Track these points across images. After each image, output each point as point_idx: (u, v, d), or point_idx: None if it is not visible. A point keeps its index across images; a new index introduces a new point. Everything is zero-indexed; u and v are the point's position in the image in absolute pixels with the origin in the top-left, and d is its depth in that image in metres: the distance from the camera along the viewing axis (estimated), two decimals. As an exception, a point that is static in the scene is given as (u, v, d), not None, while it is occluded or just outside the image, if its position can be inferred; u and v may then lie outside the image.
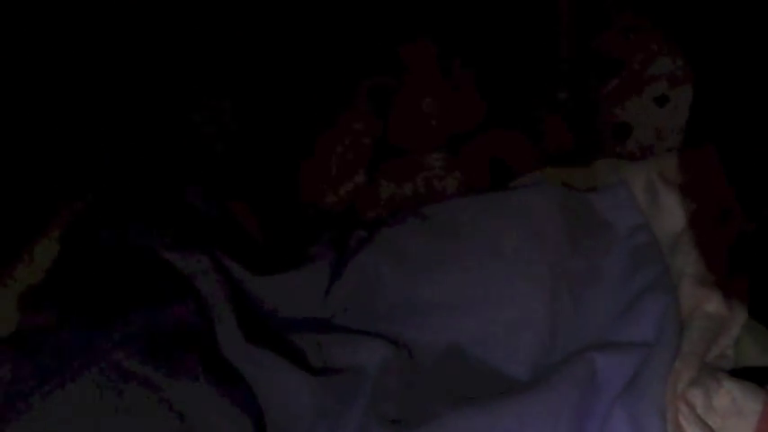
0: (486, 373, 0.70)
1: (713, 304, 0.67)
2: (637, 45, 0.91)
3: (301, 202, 0.89)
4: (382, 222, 0.80)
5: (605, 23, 0.94)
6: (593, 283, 0.73)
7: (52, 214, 0.70)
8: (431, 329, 0.72)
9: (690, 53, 0.87)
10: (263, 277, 0.73)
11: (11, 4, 0.76)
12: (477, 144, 0.91)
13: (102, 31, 0.83)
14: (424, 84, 0.93)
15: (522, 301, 0.71)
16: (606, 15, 0.95)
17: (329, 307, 0.73)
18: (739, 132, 0.77)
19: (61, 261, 0.68)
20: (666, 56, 0.87)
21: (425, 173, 0.90)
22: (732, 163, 0.76)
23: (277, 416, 0.63)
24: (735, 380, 0.60)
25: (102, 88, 0.83)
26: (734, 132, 0.78)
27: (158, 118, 0.86)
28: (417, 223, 0.76)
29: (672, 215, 0.74)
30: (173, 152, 0.85)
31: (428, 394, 0.68)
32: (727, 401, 0.59)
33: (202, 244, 0.72)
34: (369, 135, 0.90)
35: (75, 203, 0.73)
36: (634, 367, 0.65)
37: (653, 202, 0.76)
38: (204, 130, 0.88)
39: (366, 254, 0.74)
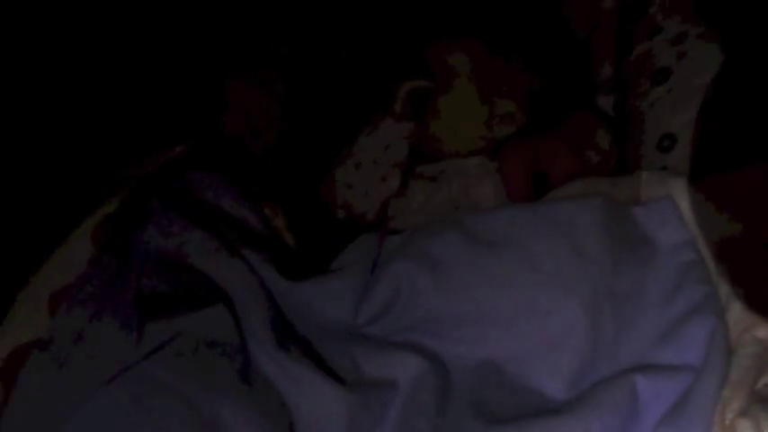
0: (521, 392, 0.68)
1: (764, 329, 0.64)
2: (685, 53, 0.88)
3: (332, 205, 0.88)
4: (417, 230, 0.77)
5: (654, 29, 0.91)
6: (635, 302, 0.70)
7: (84, 212, 0.69)
8: (466, 344, 0.70)
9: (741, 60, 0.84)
10: (295, 283, 0.71)
11: None
12: (516, 150, 0.89)
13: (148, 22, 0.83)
14: (462, 85, 0.90)
15: (561, 319, 0.69)
16: (654, 20, 0.91)
17: (361, 316, 0.72)
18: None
19: (95, 261, 0.67)
20: (717, 65, 0.84)
21: (463, 178, 0.88)
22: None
23: (307, 428, 0.62)
24: (787, 411, 0.58)
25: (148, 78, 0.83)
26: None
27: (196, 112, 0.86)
28: (455, 233, 0.74)
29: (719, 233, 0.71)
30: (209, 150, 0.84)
31: (461, 411, 0.66)
32: (778, 434, 0.57)
33: (235, 247, 0.71)
34: (404, 138, 0.88)
35: (108, 202, 0.72)
36: (677, 393, 0.62)
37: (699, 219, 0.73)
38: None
39: (400, 263, 0.72)
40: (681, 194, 0.75)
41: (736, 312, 0.66)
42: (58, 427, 0.54)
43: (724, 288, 0.68)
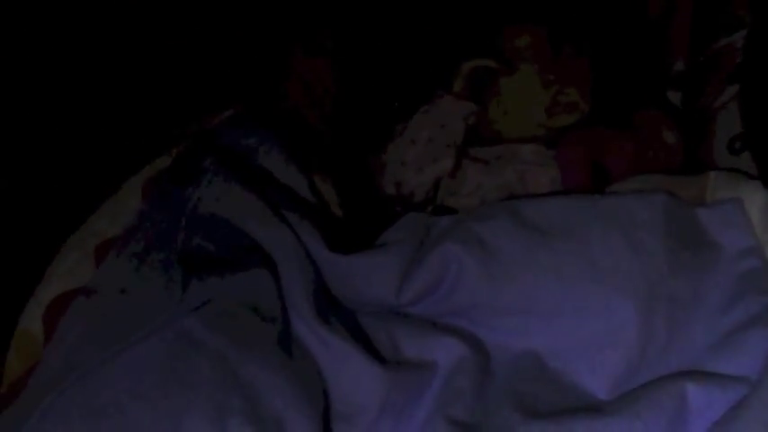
0: (562, 387, 0.65)
1: (828, 347, 0.60)
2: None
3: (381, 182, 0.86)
4: (469, 213, 0.75)
5: (735, 23, 0.86)
6: (691, 307, 0.67)
7: (138, 165, 0.69)
8: (510, 333, 0.68)
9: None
10: (340, 255, 0.70)
11: None
12: (577, 140, 0.86)
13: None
14: (527, 70, 0.87)
15: (612, 316, 0.66)
16: (737, 14, 0.87)
17: (405, 295, 0.70)
18: None
19: (144, 215, 0.67)
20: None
21: (518, 164, 0.85)
22: None
23: (342, 404, 0.61)
24: None
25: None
26: None
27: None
28: (508, 219, 0.72)
29: (790, 243, 0.67)
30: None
31: (500, 401, 0.64)
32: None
33: (283, 213, 0.70)
34: (462, 118, 0.85)
35: (161, 158, 0.72)
36: (729, 404, 0.60)
37: (770, 226, 0.69)
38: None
39: (450, 245, 0.70)
40: (751, 198, 0.72)
41: (801, 327, 0.62)
42: (91, 375, 0.54)
43: (789, 300, 0.64)
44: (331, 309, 0.67)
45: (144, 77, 0.79)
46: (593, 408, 0.62)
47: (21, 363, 0.61)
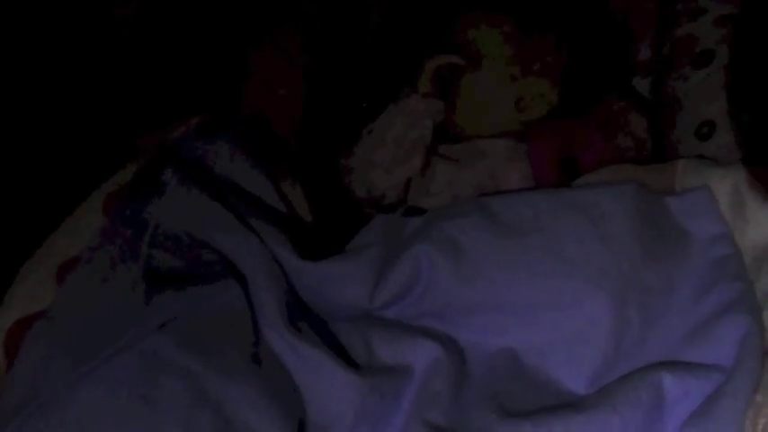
0: (540, 384, 0.65)
1: (802, 331, 0.61)
2: (731, 36, 0.83)
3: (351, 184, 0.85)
4: (440, 212, 0.75)
5: (698, 9, 0.86)
6: (664, 297, 0.67)
7: (95, 187, 0.68)
8: (485, 333, 0.67)
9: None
10: (310, 262, 0.69)
11: None
12: (546, 133, 0.85)
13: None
14: (494, 64, 0.87)
15: (585, 310, 0.66)
16: (700, 2, 0.87)
17: (378, 299, 0.69)
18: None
19: (105, 231, 0.65)
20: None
21: (489, 161, 0.85)
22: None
23: (317, 414, 0.60)
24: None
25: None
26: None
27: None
28: (478, 216, 0.71)
29: (759, 228, 0.67)
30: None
31: (477, 402, 0.63)
32: (813, 443, 0.53)
33: (249, 222, 0.69)
34: (430, 117, 0.84)
35: (122, 171, 0.70)
36: (705, 393, 0.59)
37: (738, 212, 0.69)
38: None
39: (421, 246, 0.69)
40: (719, 184, 0.72)
41: (773, 312, 0.62)
42: (57, 399, 0.53)
43: (761, 285, 0.65)
44: (303, 317, 0.66)
45: (102, 87, 0.77)
46: (570, 404, 0.62)
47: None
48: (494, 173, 0.84)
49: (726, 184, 0.71)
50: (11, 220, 0.68)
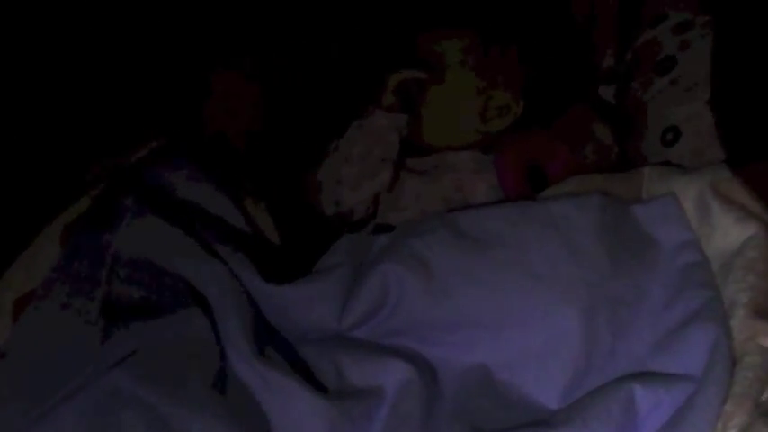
0: (512, 400, 0.65)
1: (770, 338, 0.60)
2: (691, 42, 0.83)
3: (319, 202, 0.84)
4: (406, 229, 0.74)
5: (658, 15, 0.86)
6: (633, 307, 0.67)
7: (52, 217, 0.66)
8: (455, 349, 0.66)
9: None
10: (276, 286, 0.68)
11: None
12: (512, 144, 0.85)
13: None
14: (457, 76, 0.86)
15: (555, 324, 0.65)
16: (659, 7, 0.87)
17: (346, 320, 0.68)
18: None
19: (62, 264, 0.63)
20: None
21: (455, 173, 0.84)
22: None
23: (286, 443, 0.59)
24: (793, 427, 0.54)
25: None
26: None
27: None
28: (444, 232, 0.70)
29: (725, 235, 0.67)
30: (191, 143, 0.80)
31: (449, 422, 0.62)
32: (782, 452, 0.53)
33: (213, 247, 0.67)
34: (395, 131, 0.84)
35: (79, 201, 0.68)
36: (676, 404, 0.59)
37: (704, 219, 0.69)
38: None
39: (388, 264, 0.69)
40: (684, 191, 0.72)
41: (740, 319, 0.62)
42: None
43: (728, 292, 0.65)
44: (270, 342, 0.65)
45: (56, 113, 0.75)
46: (542, 420, 0.61)
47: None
48: (461, 185, 0.84)
49: (691, 191, 0.71)
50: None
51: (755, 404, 0.57)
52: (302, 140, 0.86)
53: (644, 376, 0.62)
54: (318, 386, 0.62)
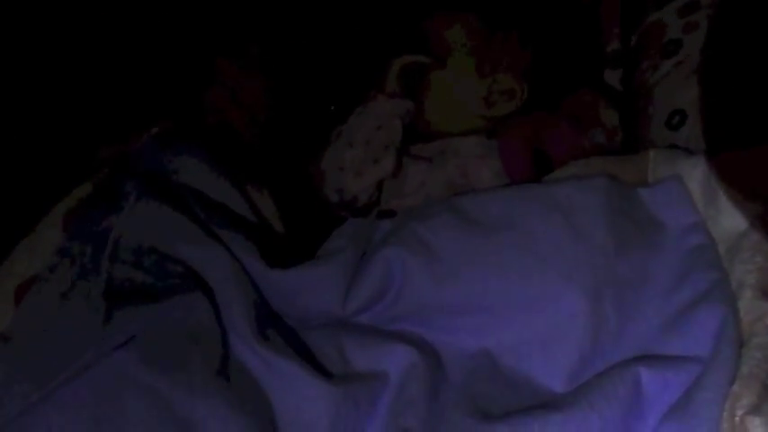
0: (518, 384, 0.64)
1: (778, 319, 0.60)
2: (695, 25, 0.82)
3: (323, 188, 0.84)
4: (410, 214, 0.73)
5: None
6: (639, 289, 0.66)
7: (54, 203, 0.66)
8: (460, 334, 0.66)
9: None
10: (280, 271, 0.67)
11: None
12: (517, 128, 0.84)
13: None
14: (460, 61, 0.86)
15: (561, 307, 0.65)
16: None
17: (350, 305, 0.68)
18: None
19: (64, 249, 0.63)
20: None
21: (460, 159, 0.84)
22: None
23: (289, 426, 0.58)
24: (801, 408, 0.54)
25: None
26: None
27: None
28: (449, 216, 0.70)
29: (732, 217, 0.67)
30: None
31: (454, 406, 0.62)
32: (791, 432, 0.53)
33: (216, 232, 0.67)
34: (399, 117, 0.83)
35: (81, 186, 0.68)
36: (684, 386, 0.59)
37: (711, 201, 0.69)
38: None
39: (392, 248, 0.68)
40: (690, 174, 0.71)
41: (748, 300, 0.61)
42: (16, 423, 0.51)
43: (735, 274, 0.64)
44: (273, 327, 0.64)
45: (60, 99, 0.75)
46: (548, 403, 0.61)
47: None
48: (465, 171, 0.83)
49: (697, 174, 0.71)
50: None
51: (764, 385, 0.56)
52: (306, 127, 0.86)
53: (650, 358, 0.61)
54: (322, 371, 0.62)
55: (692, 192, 0.70)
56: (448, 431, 0.59)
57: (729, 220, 0.67)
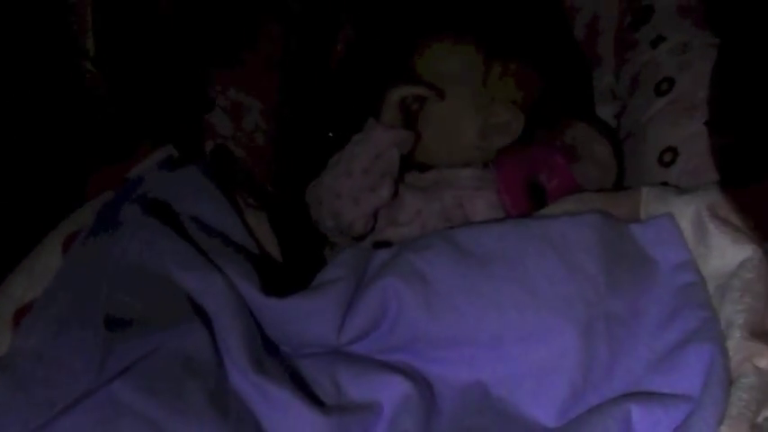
0: (509, 417, 0.65)
1: (766, 359, 0.61)
2: (689, 63, 0.84)
3: (319, 215, 0.84)
4: (406, 244, 0.74)
5: (658, 37, 0.87)
6: (630, 325, 0.67)
7: (53, 226, 0.66)
8: (453, 365, 0.67)
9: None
10: (276, 299, 0.68)
11: None
12: (512, 160, 0.86)
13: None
14: (458, 93, 0.87)
15: (553, 341, 0.66)
16: (658, 28, 0.88)
17: (345, 334, 0.68)
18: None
19: (62, 274, 0.63)
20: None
21: (456, 190, 0.85)
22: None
23: (284, 457, 0.59)
24: (789, 449, 0.55)
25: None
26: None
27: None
28: (444, 248, 0.71)
29: (722, 256, 0.68)
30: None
31: (446, 438, 0.63)
32: (778, 474, 0.54)
33: (213, 259, 0.67)
34: (396, 147, 0.84)
35: (81, 210, 0.68)
36: (674, 424, 0.60)
37: (701, 240, 0.70)
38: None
39: (387, 279, 0.69)
40: (682, 211, 0.72)
41: (736, 340, 0.62)
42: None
43: (725, 313, 0.65)
44: (269, 356, 0.65)
45: (57, 122, 0.75)
46: (539, 439, 0.61)
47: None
48: (461, 201, 0.84)
49: (688, 212, 0.72)
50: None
51: (751, 425, 0.58)
52: (303, 154, 0.86)
53: (641, 395, 0.62)
54: (316, 401, 0.62)
55: (684, 230, 0.71)
56: (440, 464, 0.59)
57: (719, 259, 0.68)
